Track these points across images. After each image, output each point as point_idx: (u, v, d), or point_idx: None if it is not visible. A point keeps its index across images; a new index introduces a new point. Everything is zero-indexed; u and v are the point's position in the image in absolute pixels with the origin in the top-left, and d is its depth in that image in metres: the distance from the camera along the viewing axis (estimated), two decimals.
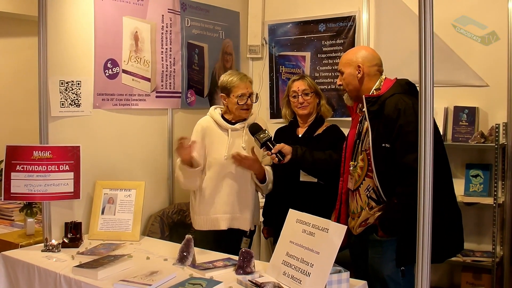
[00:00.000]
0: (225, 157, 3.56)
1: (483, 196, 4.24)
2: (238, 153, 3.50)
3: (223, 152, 3.58)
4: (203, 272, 2.81)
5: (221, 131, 3.64)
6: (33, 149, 3.40)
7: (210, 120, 3.68)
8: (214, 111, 3.72)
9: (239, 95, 3.56)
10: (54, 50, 3.50)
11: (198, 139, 3.60)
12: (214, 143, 3.62)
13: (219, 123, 3.65)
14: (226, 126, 3.64)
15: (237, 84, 3.57)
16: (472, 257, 4.21)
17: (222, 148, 3.59)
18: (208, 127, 3.65)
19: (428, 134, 2.25)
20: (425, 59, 2.24)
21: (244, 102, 3.58)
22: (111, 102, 3.89)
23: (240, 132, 3.65)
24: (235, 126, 3.64)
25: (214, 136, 3.63)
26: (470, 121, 4.29)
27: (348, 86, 3.25)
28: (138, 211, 3.66)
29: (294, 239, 2.70)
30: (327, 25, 4.94)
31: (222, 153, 3.58)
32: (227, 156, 3.56)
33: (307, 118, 3.80)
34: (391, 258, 2.98)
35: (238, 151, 3.52)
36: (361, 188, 3.09)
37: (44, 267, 3.00)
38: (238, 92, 3.56)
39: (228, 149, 3.58)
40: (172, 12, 4.36)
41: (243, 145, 3.62)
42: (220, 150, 3.59)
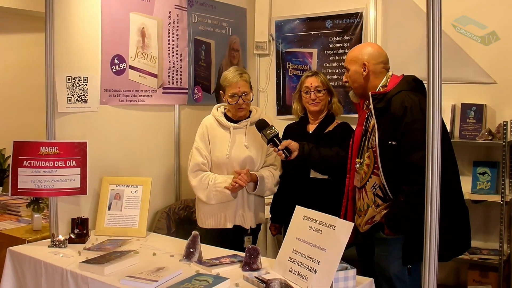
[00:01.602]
0: (227, 156, 3.56)
1: (490, 193, 4.22)
2: (234, 183, 3.50)
3: (225, 150, 3.58)
4: (209, 269, 2.81)
5: (223, 130, 3.64)
6: (40, 145, 3.41)
7: (212, 119, 3.69)
8: (216, 110, 3.73)
9: (231, 95, 3.57)
10: (61, 46, 3.51)
11: (206, 142, 3.61)
12: (216, 142, 3.62)
13: (220, 122, 3.65)
14: (227, 125, 3.64)
15: (230, 84, 3.57)
16: (479, 255, 4.21)
17: (224, 146, 3.60)
18: (210, 126, 3.66)
19: (436, 131, 2.24)
20: (433, 56, 2.23)
21: (235, 102, 3.57)
22: (118, 98, 3.89)
23: (243, 130, 3.65)
24: (237, 125, 3.64)
25: (217, 135, 3.63)
26: (478, 119, 4.27)
27: (353, 84, 3.23)
28: (144, 207, 3.66)
29: (300, 236, 2.70)
30: (334, 22, 4.93)
31: (224, 152, 3.58)
32: (228, 154, 3.56)
33: (318, 115, 3.78)
34: (397, 256, 2.97)
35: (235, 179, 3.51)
36: (368, 186, 3.09)
37: (50, 263, 3.01)
38: (230, 91, 3.57)
39: (230, 147, 3.58)
40: (179, 8, 4.35)
41: (245, 143, 3.62)
42: (222, 149, 3.59)
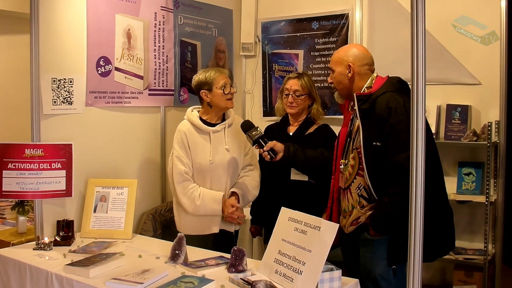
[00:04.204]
0: (210, 161, 3.54)
1: (475, 194, 4.25)
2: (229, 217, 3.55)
3: (207, 156, 3.55)
4: (195, 270, 2.81)
5: (202, 135, 3.59)
6: (25, 147, 3.39)
7: (189, 125, 3.61)
8: (191, 114, 3.66)
9: (222, 85, 3.55)
10: (46, 48, 3.48)
11: (186, 149, 3.56)
12: (197, 148, 3.56)
13: (198, 126, 3.59)
14: (206, 129, 3.59)
15: (217, 76, 3.56)
16: (464, 255, 4.23)
17: (206, 152, 3.56)
18: (189, 133, 3.58)
19: (420, 132, 2.25)
20: (417, 57, 2.24)
21: (229, 91, 3.56)
22: (103, 100, 3.87)
23: (222, 134, 3.63)
24: (216, 128, 3.62)
25: (197, 142, 3.57)
26: (463, 119, 4.30)
27: (338, 85, 3.24)
28: (130, 209, 3.65)
29: (286, 237, 2.70)
30: (320, 23, 4.94)
31: (206, 158, 3.55)
32: (212, 160, 3.54)
33: (297, 117, 3.80)
34: (382, 257, 2.98)
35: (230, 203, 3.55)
36: (352, 187, 3.10)
37: (35, 266, 2.99)
38: (221, 82, 3.55)
39: (212, 152, 3.56)
40: (165, 9, 4.35)
41: (227, 146, 3.61)
42: (204, 154, 3.55)
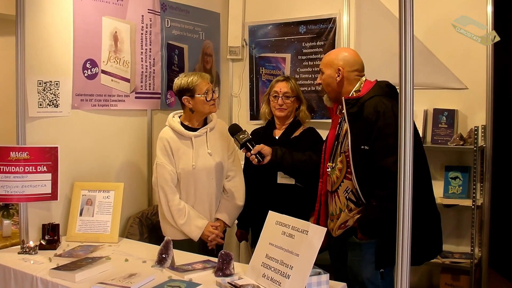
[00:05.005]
0: (193, 167, 3.54)
1: (462, 198, 4.27)
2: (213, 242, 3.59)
3: (190, 161, 3.55)
4: (182, 274, 2.79)
5: (184, 141, 3.59)
6: (10, 150, 3.35)
7: (171, 131, 3.61)
8: (173, 120, 3.65)
9: (205, 92, 3.54)
10: (32, 50, 3.45)
11: (170, 156, 3.56)
12: (180, 154, 3.56)
13: (180, 132, 3.59)
14: (188, 134, 3.59)
15: (199, 82, 3.55)
16: (451, 258, 4.25)
17: (188, 157, 3.56)
18: (171, 140, 3.58)
19: (408, 136, 2.25)
20: (405, 61, 2.24)
21: (211, 97, 3.56)
22: (90, 103, 3.84)
23: (203, 138, 3.63)
24: (197, 133, 3.61)
25: (179, 148, 3.57)
26: (449, 124, 4.32)
27: (327, 87, 3.25)
28: (116, 213, 3.63)
29: (273, 241, 2.69)
30: (308, 27, 4.95)
31: (189, 163, 3.55)
32: (195, 165, 3.54)
33: (284, 120, 3.80)
34: (370, 260, 2.99)
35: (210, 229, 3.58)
36: (340, 190, 3.10)
37: (20, 270, 2.97)
38: (203, 89, 3.54)
39: (195, 158, 3.56)
40: (152, 12, 4.33)
41: (209, 150, 3.61)
42: (187, 160, 3.56)
